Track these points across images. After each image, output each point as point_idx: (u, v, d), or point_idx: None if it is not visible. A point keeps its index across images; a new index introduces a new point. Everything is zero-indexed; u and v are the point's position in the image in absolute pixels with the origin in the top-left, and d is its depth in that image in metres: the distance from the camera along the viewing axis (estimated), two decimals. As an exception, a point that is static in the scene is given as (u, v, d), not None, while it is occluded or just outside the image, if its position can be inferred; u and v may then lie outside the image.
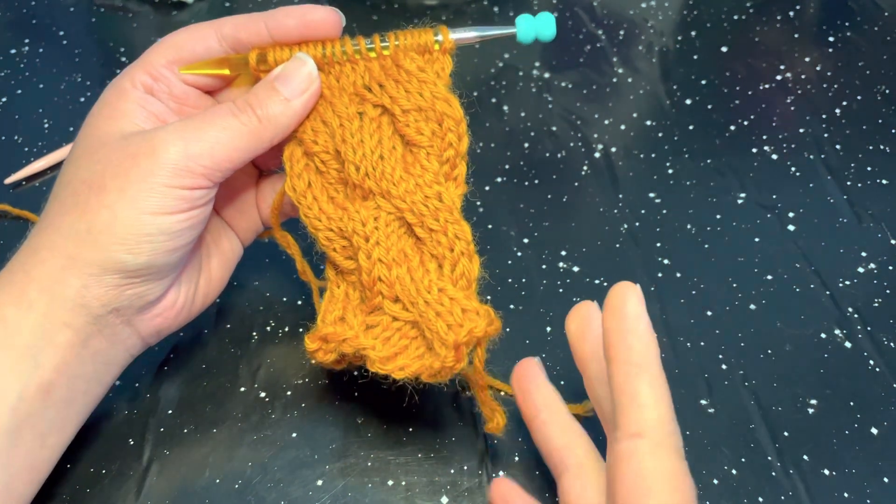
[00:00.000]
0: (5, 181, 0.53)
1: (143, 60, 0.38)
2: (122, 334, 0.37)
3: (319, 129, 0.38)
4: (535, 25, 0.38)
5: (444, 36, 0.38)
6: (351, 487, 0.39)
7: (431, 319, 0.35)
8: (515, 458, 0.40)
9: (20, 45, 0.64)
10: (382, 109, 0.38)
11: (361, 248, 0.37)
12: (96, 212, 0.34)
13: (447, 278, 0.36)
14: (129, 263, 0.35)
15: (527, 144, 0.56)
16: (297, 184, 0.38)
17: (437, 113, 0.37)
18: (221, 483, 0.39)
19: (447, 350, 0.33)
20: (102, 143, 0.36)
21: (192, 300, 0.40)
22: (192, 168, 0.35)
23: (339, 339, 0.36)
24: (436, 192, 0.36)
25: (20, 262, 0.36)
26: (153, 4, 0.67)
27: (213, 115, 0.36)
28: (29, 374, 0.34)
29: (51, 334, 0.34)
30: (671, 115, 0.58)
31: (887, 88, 0.59)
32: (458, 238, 0.36)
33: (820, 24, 0.65)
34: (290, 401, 0.42)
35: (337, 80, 0.38)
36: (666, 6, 0.67)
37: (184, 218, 0.35)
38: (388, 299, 0.36)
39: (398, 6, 0.67)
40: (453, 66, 0.38)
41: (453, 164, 0.37)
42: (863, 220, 0.51)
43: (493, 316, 0.34)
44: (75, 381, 0.36)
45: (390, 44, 0.38)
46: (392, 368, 0.35)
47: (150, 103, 0.38)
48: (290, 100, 0.37)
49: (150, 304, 0.37)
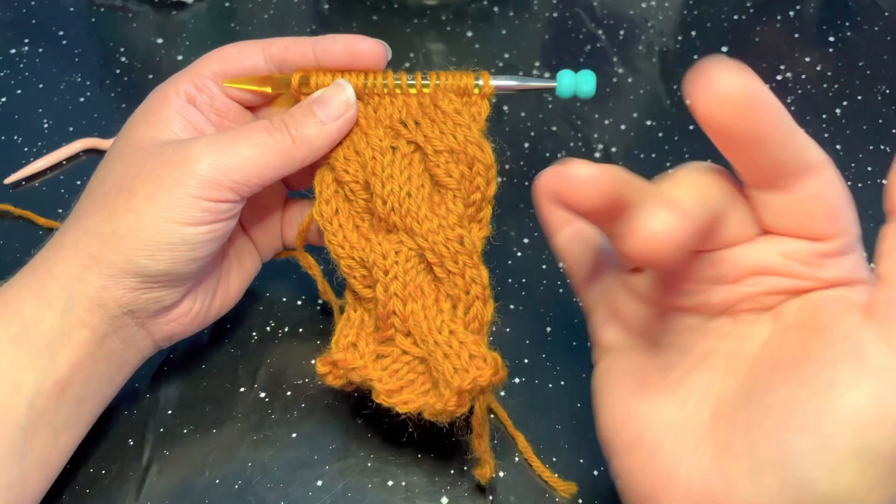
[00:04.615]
0: (5, 181, 0.53)
1: (190, 70, 0.39)
2: (135, 336, 0.38)
3: (352, 157, 0.38)
4: (576, 82, 0.38)
5: (484, 81, 0.38)
6: (351, 487, 0.39)
7: (439, 360, 0.35)
8: (515, 459, 0.40)
9: (20, 45, 0.64)
10: (415, 146, 0.38)
11: (380, 281, 0.37)
12: (123, 215, 0.35)
13: (460, 320, 0.36)
14: (148, 268, 0.35)
15: (527, 144, 0.56)
16: (325, 209, 0.39)
17: (469, 157, 0.37)
18: (221, 483, 0.39)
19: (451, 393, 0.34)
20: (138, 147, 0.36)
21: (208, 309, 0.40)
22: (221, 181, 0.35)
23: (348, 366, 0.37)
24: (458, 234, 0.37)
25: (44, 257, 0.36)
26: (153, 4, 0.67)
27: (247, 130, 0.37)
28: (46, 370, 0.34)
29: (69, 332, 0.35)
30: (671, 115, 0.58)
31: (887, 88, 0.59)
32: (474, 282, 0.36)
33: (820, 24, 0.65)
34: (290, 401, 0.42)
35: (375, 111, 0.39)
36: (666, 6, 0.67)
37: (207, 230, 0.36)
38: (400, 332, 0.37)
39: (398, 6, 0.67)
40: (490, 111, 0.38)
41: (479, 206, 0.38)
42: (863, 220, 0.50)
43: (500, 365, 0.34)
44: (89, 379, 0.36)
45: (431, 82, 0.38)
46: (396, 402, 0.35)
47: (191, 113, 0.38)
48: (325, 123, 0.37)
49: (166, 309, 0.38)
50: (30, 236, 0.50)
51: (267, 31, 0.66)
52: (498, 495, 0.39)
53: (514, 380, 0.42)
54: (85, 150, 0.56)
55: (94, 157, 0.56)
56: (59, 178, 0.54)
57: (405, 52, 0.63)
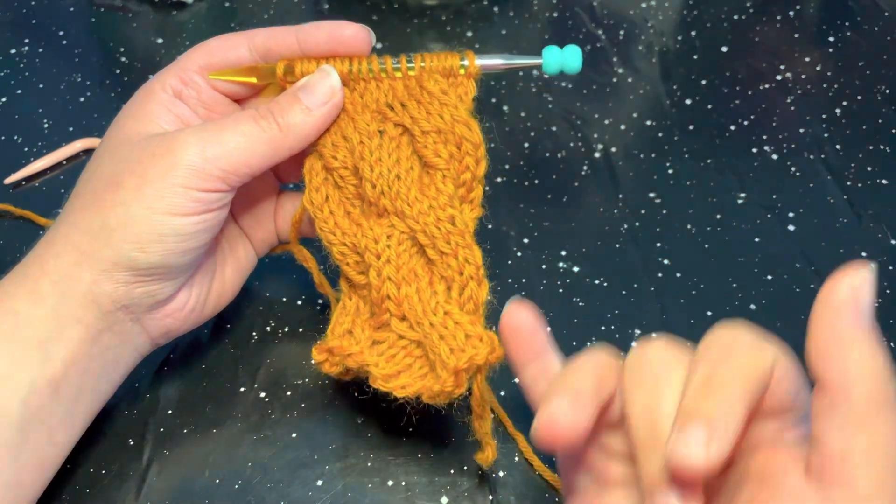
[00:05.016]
0: (5, 181, 0.53)
1: (175, 64, 0.39)
2: (131, 332, 0.37)
3: (340, 143, 0.38)
4: (562, 57, 0.38)
5: (469, 61, 0.38)
6: (351, 487, 0.39)
7: (435, 341, 0.35)
8: (515, 459, 0.40)
9: (20, 45, 0.64)
10: (403, 129, 0.38)
11: (373, 265, 0.37)
12: (111, 209, 0.35)
13: (455, 301, 0.36)
14: (139, 261, 0.35)
15: (527, 144, 0.56)
16: (315, 197, 0.39)
17: (457, 136, 0.37)
18: (221, 483, 0.39)
19: (447, 374, 0.34)
20: (125, 141, 0.36)
21: (204, 304, 0.40)
22: (209, 170, 0.35)
23: (344, 352, 0.37)
24: (449, 215, 0.37)
25: (37, 254, 0.36)
26: (153, 4, 0.67)
27: (234, 119, 0.37)
28: (40, 367, 0.34)
29: (62, 328, 0.35)
30: (671, 115, 0.58)
31: (887, 88, 0.59)
32: (467, 262, 0.36)
33: (820, 24, 0.65)
34: (290, 401, 0.42)
35: (361, 96, 0.39)
36: (666, 6, 0.67)
37: (197, 220, 0.36)
38: (395, 317, 0.37)
39: (398, 6, 0.67)
40: (477, 91, 0.38)
41: (469, 187, 0.37)
42: (863, 220, 0.51)
43: (497, 344, 0.34)
44: (84, 376, 0.36)
45: (416, 65, 0.38)
46: (394, 386, 0.35)
47: (178, 107, 0.38)
48: (311, 109, 0.37)
49: (161, 303, 0.38)
50: (30, 236, 0.50)
51: (267, 31, 0.66)
52: (498, 495, 0.39)
53: (513, 379, 0.42)
54: (85, 150, 0.56)
55: (94, 157, 0.56)
56: (59, 178, 0.54)
57: (405, 52, 0.63)
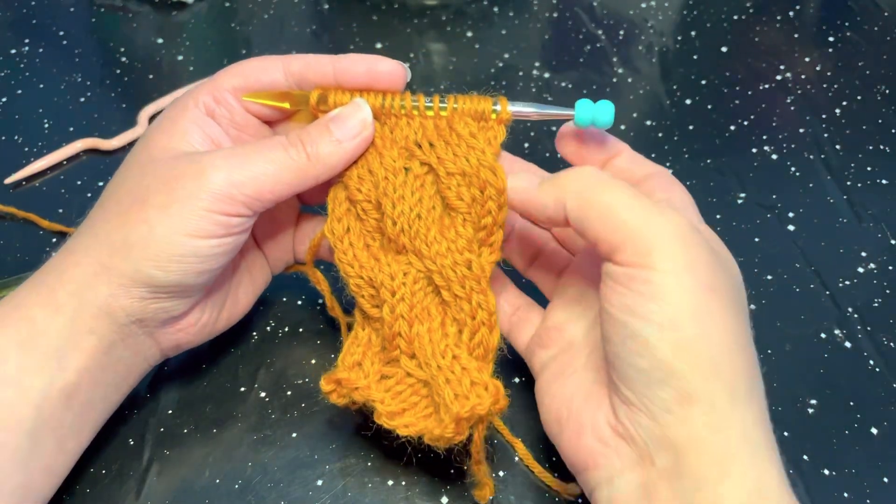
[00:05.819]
0: (5, 181, 0.53)
1: (210, 82, 0.39)
2: (143, 344, 0.38)
3: (365, 177, 0.38)
4: (594, 112, 0.37)
5: (502, 106, 0.38)
6: (351, 487, 0.39)
7: (441, 384, 0.35)
8: (515, 459, 0.40)
9: (20, 45, 0.64)
10: (428, 168, 0.38)
11: (387, 301, 0.37)
12: (135, 225, 0.35)
13: (465, 345, 0.36)
14: (157, 279, 0.35)
15: (527, 144, 0.56)
16: (337, 227, 0.39)
17: (481, 180, 0.37)
18: (221, 483, 0.39)
19: (449, 419, 0.34)
20: (154, 157, 0.36)
21: (216, 320, 0.40)
22: (234, 195, 0.35)
23: (351, 385, 0.37)
24: (466, 259, 0.37)
25: (56, 262, 0.36)
26: (153, 4, 0.67)
27: (263, 145, 0.37)
28: (53, 375, 0.34)
29: (77, 339, 0.35)
30: (671, 115, 0.58)
31: (887, 88, 0.59)
32: (480, 307, 0.36)
33: (820, 24, 0.65)
34: (290, 401, 0.42)
35: (391, 131, 0.39)
36: (666, 6, 0.67)
37: (218, 243, 0.36)
38: (405, 354, 0.37)
39: (398, 6, 0.67)
40: (506, 136, 0.38)
41: (490, 231, 0.37)
42: (863, 220, 0.51)
43: (501, 394, 0.34)
44: (96, 386, 0.36)
45: (448, 106, 0.38)
46: (398, 424, 0.35)
47: (208, 125, 0.38)
48: (341, 141, 0.37)
49: (174, 319, 0.38)
50: (32, 238, 0.50)
51: (267, 31, 0.66)
52: (498, 495, 0.39)
53: (513, 379, 0.42)
54: (85, 151, 0.56)
55: (95, 157, 0.56)
56: (60, 178, 0.54)
57: (405, 52, 0.63)
